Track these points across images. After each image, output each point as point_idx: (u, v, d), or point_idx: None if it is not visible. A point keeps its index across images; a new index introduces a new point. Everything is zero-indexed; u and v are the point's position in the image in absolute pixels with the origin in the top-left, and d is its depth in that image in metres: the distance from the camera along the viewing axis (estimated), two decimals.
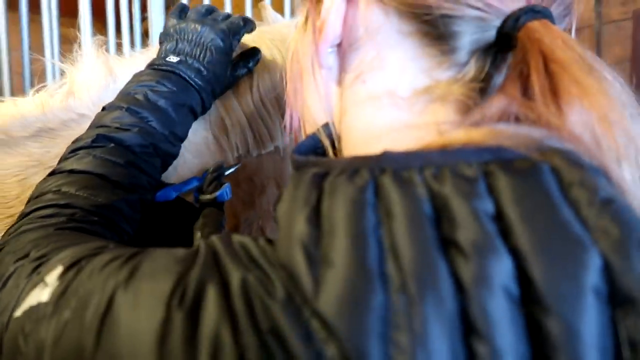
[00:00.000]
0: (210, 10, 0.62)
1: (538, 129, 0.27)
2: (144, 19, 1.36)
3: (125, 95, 0.54)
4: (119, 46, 1.30)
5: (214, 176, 0.55)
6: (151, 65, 0.58)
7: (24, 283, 0.33)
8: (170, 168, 0.60)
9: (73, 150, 0.49)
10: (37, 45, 1.28)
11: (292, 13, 1.38)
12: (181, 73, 0.56)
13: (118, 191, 0.47)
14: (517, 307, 0.23)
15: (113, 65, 0.63)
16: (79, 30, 1.27)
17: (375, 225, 0.25)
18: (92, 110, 0.59)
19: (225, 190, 0.54)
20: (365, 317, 0.23)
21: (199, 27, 0.58)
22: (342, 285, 0.23)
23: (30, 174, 0.55)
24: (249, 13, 1.36)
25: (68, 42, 1.33)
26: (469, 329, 0.22)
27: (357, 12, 0.34)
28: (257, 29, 0.66)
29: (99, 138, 0.49)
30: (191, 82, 0.56)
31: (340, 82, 0.36)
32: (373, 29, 0.34)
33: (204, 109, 0.59)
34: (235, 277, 0.25)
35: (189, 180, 0.60)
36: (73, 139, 0.51)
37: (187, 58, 0.57)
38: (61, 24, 1.29)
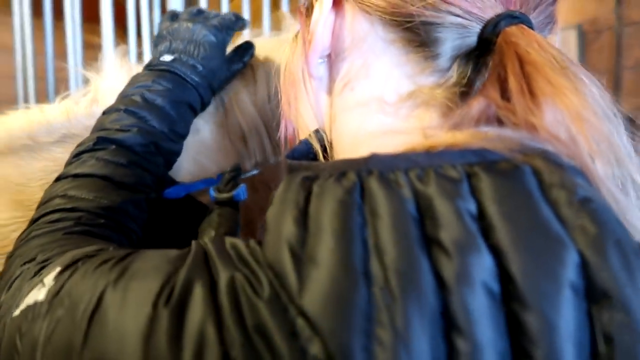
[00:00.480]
0: (201, 11, 0.63)
1: (520, 132, 0.28)
2: None
3: (122, 97, 0.55)
4: (139, 53, 1.33)
5: (231, 176, 0.55)
6: (147, 67, 0.58)
7: (26, 285, 0.34)
8: (186, 174, 0.61)
9: (76, 155, 0.50)
10: (60, 51, 1.32)
11: None
12: (176, 71, 0.56)
13: (122, 191, 0.48)
14: (498, 304, 0.24)
15: (135, 73, 0.65)
16: (100, 36, 1.31)
17: (360, 226, 0.25)
18: None
19: (242, 190, 0.55)
20: (349, 315, 0.23)
21: (190, 25, 0.59)
22: (327, 283, 0.24)
23: (53, 178, 0.57)
24: (266, 20, 1.38)
25: (90, 48, 1.36)
26: (450, 325, 0.23)
27: (344, 23, 0.36)
28: (277, 37, 0.67)
29: (100, 141, 0.50)
30: (187, 78, 0.56)
31: (329, 91, 0.38)
32: (359, 38, 0.35)
33: (203, 105, 0.60)
34: (223, 276, 0.26)
35: (201, 181, 0.61)
36: None
37: (182, 55, 0.57)
38: (84, 30, 1.33)
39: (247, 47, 0.64)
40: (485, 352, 0.23)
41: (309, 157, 0.36)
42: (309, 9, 0.38)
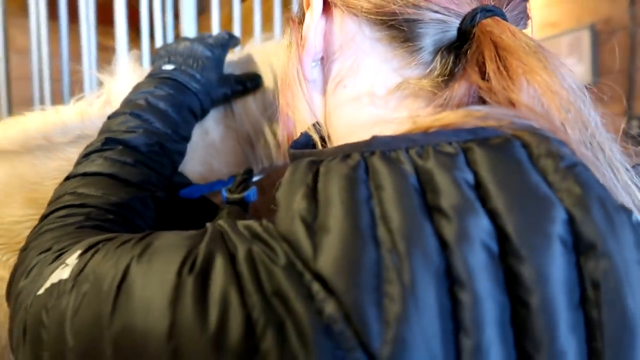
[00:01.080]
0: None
1: (509, 110, 0.31)
2: (175, 26, 1.40)
3: (127, 102, 0.58)
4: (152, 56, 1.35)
5: (243, 178, 0.58)
6: (149, 76, 0.62)
7: (46, 269, 0.36)
8: (196, 175, 0.62)
9: (85, 155, 0.53)
10: (75, 53, 1.34)
11: None
12: (177, 78, 0.59)
13: (129, 189, 0.50)
14: (496, 261, 0.26)
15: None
16: (114, 38, 1.33)
17: (367, 197, 0.27)
18: None
19: (252, 192, 0.58)
20: (360, 274, 0.25)
21: (188, 43, 0.63)
22: (338, 247, 0.26)
23: None
24: (278, 22, 1.39)
25: (104, 50, 1.39)
26: (453, 281, 0.25)
27: (333, 27, 0.39)
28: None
29: (107, 141, 0.52)
30: (188, 85, 0.59)
31: (323, 91, 0.40)
32: (349, 39, 0.38)
33: (204, 112, 0.63)
34: (240, 248, 0.28)
35: (215, 182, 0.63)
36: None
37: (182, 66, 0.61)
38: (98, 33, 1.35)
39: (256, 77, 0.68)
40: (485, 303, 0.25)
41: (309, 147, 0.39)
42: (301, 17, 0.40)
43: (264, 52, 0.70)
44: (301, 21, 0.40)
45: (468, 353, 0.25)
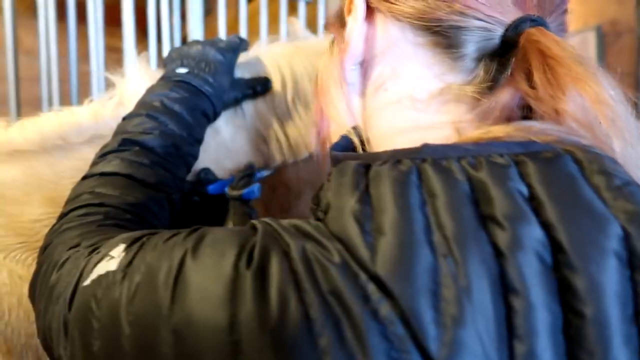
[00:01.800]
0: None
1: (557, 125, 0.31)
2: (182, 26, 1.41)
3: (142, 104, 0.59)
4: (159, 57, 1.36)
5: (245, 174, 0.59)
6: (162, 79, 0.62)
7: (84, 262, 0.37)
8: (210, 176, 0.63)
9: (101, 155, 0.53)
10: (83, 54, 1.35)
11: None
12: (191, 82, 0.60)
13: (146, 190, 0.51)
14: (549, 272, 0.27)
15: (157, 78, 0.67)
16: (122, 39, 1.34)
17: (420, 203, 0.28)
18: None
19: (253, 189, 0.58)
20: (417, 277, 0.26)
21: (200, 47, 0.64)
22: (394, 249, 0.27)
23: None
24: (283, 24, 1.40)
25: (112, 51, 1.40)
26: (507, 288, 0.26)
27: (376, 32, 0.39)
28: (292, 43, 0.69)
29: (124, 142, 0.53)
30: (201, 89, 0.60)
31: (362, 94, 0.41)
32: (391, 43, 0.38)
33: (215, 115, 0.63)
34: (293, 245, 0.28)
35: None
36: None
37: (194, 70, 0.61)
38: (106, 34, 1.36)
39: (266, 81, 0.69)
40: (538, 311, 0.26)
41: (349, 150, 0.39)
42: (342, 22, 0.41)
43: (271, 54, 0.71)
44: (342, 25, 0.41)
45: (521, 359, 0.25)
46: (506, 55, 0.35)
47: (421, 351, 0.25)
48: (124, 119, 0.58)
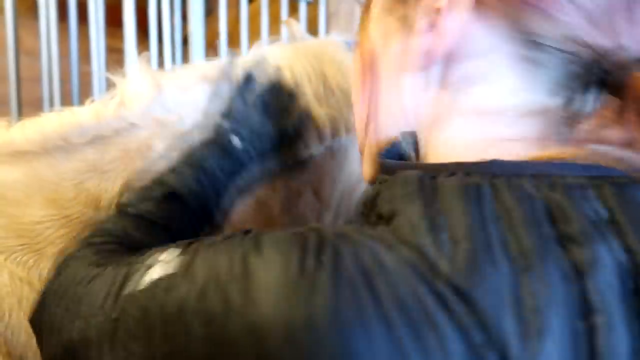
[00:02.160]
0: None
1: (630, 152, 0.32)
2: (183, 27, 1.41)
3: (195, 161, 0.59)
4: (160, 54, 1.36)
5: None
6: (217, 139, 0.61)
7: (124, 270, 0.37)
8: None
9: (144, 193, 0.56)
10: (84, 54, 1.36)
11: (327, 30, 1.41)
12: (242, 160, 0.60)
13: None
14: (630, 294, 0.27)
15: (159, 79, 0.67)
16: (123, 39, 1.34)
17: (494, 217, 0.28)
18: (141, 119, 0.62)
19: None
20: (497, 287, 0.26)
21: (257, 117, 0.62)
22: (472, 258, 0.26)
23: (85, 178, 0.59)
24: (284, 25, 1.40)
25: (113, 51, 1.40)
26: (588, 306, 0.26)
27: (474, 30, 0.36)
28: (291, 44, 0.69)
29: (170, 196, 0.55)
30: (242, 171, 0.61)
31: (438, 90, 0.38)
32: (484, 47, 0.36)
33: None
34: (365, 247, 0.28)
35: None
36: (124, 146, 0.55)
37: (246, 144, 0.61)
38: (107, 34, 1.36)
39: (301, 119, 0.67)
40: (619, 331, 0.26)
41: (401, 158, 0.38)
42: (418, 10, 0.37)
43: (271, 55, 0.71)
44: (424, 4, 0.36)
45: None
46: (596, 84, 0.35)
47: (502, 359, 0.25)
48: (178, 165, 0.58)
